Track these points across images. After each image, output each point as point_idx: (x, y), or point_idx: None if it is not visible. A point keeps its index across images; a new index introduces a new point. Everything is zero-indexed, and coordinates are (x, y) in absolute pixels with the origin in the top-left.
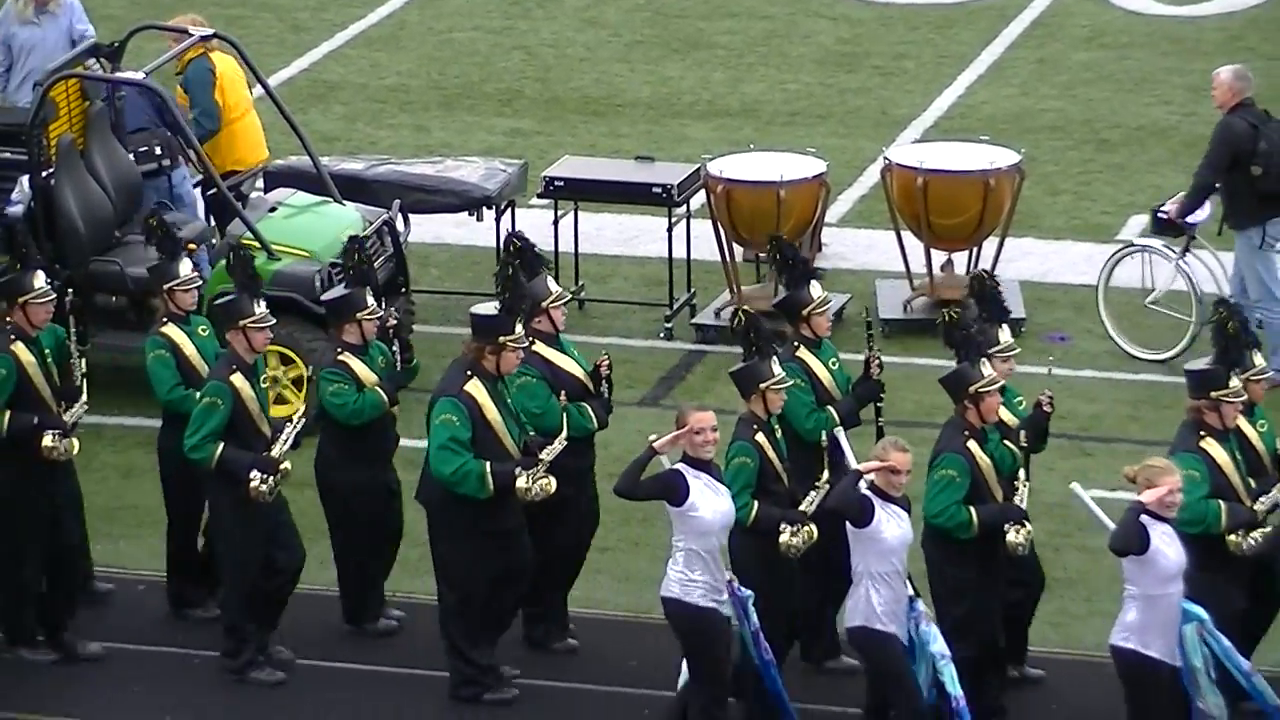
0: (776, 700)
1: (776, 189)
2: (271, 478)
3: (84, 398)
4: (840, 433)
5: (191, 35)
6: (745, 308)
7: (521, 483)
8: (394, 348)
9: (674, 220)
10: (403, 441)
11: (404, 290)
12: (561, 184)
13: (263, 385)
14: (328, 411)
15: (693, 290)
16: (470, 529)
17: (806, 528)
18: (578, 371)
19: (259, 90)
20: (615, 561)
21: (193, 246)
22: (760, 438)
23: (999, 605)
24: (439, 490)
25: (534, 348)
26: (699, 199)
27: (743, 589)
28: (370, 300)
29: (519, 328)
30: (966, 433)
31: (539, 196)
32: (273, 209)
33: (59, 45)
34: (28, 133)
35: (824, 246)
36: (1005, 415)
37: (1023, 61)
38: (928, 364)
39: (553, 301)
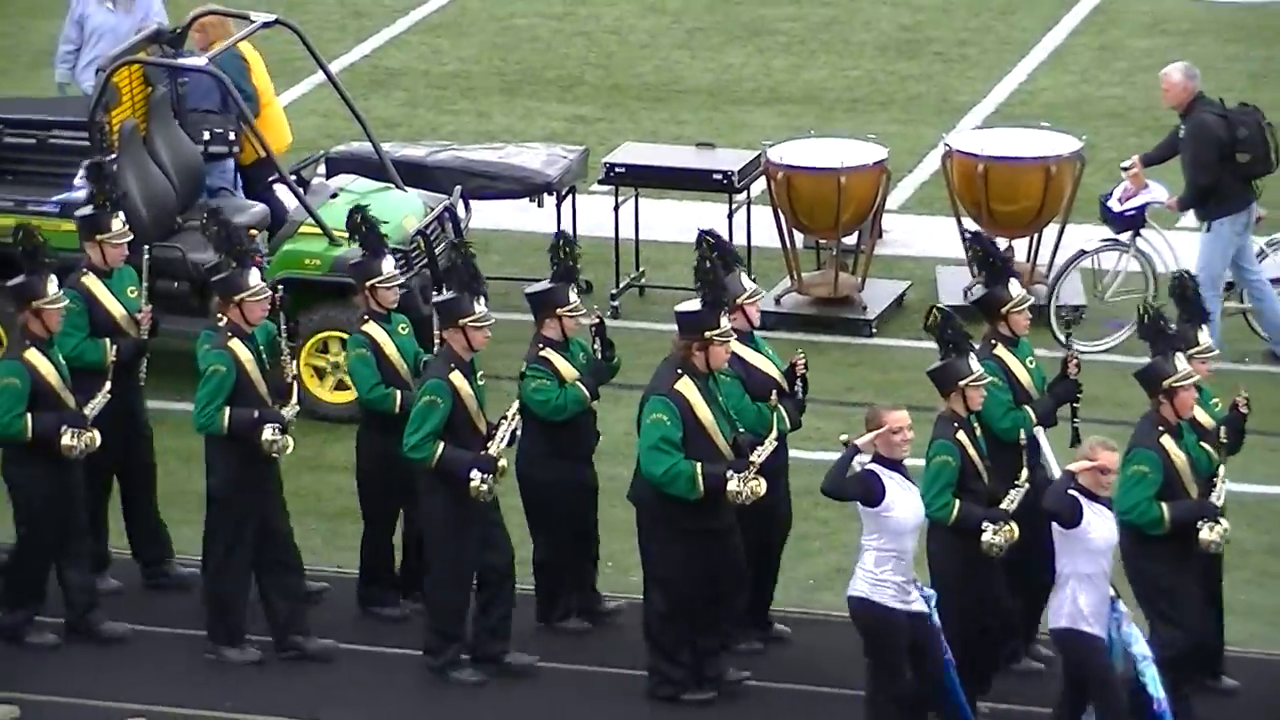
0: (954, 699)
1: (837, 175)
2: (490, 476)
3: (295, 397)
4: (1039, 433)
5: (253, 21)
6: (939, 305)
7: (733, 485)
8: (595, 344)
9: (734, 207)
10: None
11: None
12: (622, 170)
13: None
14: (530, 408)
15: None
16: (681, 529)
17: (1008, 526)
18: (772, 370)
19: (320, 76)
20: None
21: (254, 232)
22: (961, 435)
23: (1200, 604)
24: (649, 490)
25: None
26: (759, 185)
27: (926, 588)
28: (573, 296)
29: (725, 321)
30: (1161, 428)
31: (600, 183)
32: (334, 195)
33: (131, 37)
34: (90, 119)
35: (885, 233)
36: (1202, 417)
37: (1083, 48)
38: None
39: (748, 298)
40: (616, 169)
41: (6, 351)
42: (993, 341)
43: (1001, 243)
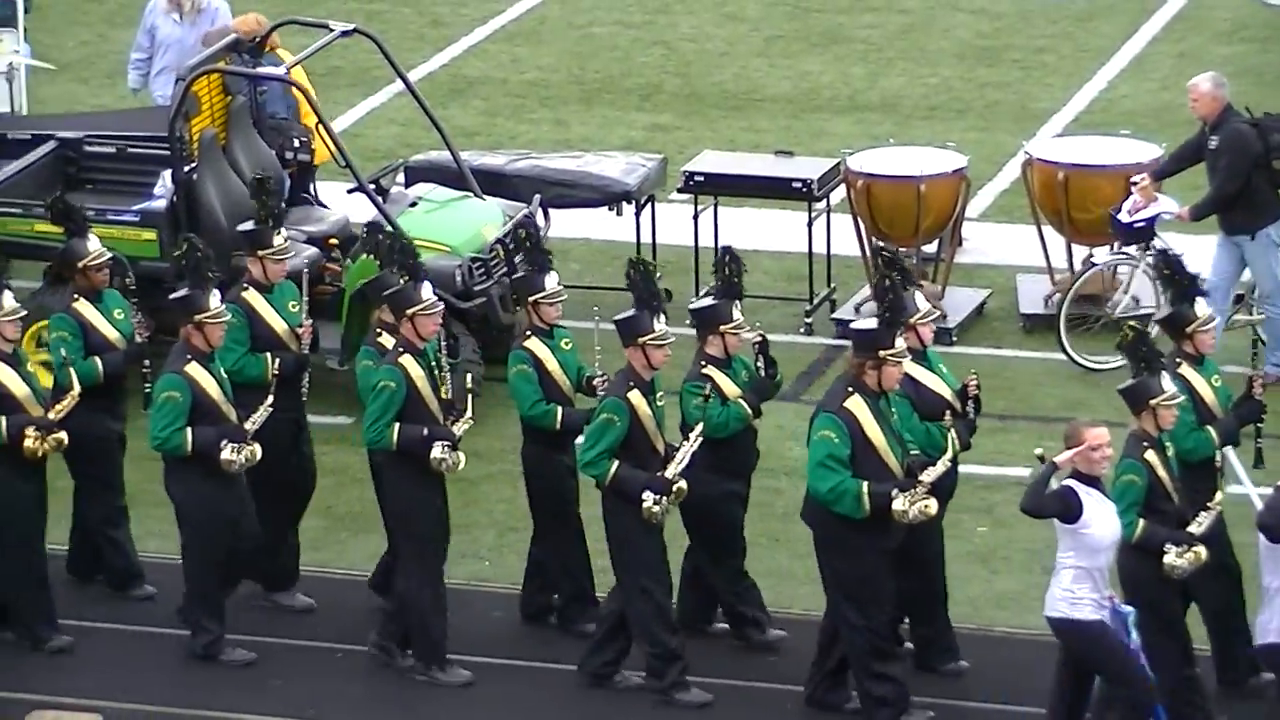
0: (1154, 717)
1: (917, 184)
2: (664, 499)
3: (469, 412)
4: (1230, 453)
5: (332, 30)
6: (1133, 323)
7: (899, 504)
8: (757, 361)
9: (814, 215)
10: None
11: None
12: (701, 179)
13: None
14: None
15: (833, 285)
16: (857, 547)
17: (1194, 549)
18: (944, 390)
19: (398, 85)
20: (756, 558)
21: (333, 241)
22: (1150, 455)
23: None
24: (821, 507)
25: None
26: (839, 194)
27: (1123, 605)
28: (736, 313)
29: (900, 341)
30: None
31: (679, 191)
32: (413, 204)
33: (196, 49)
34: (169, 128)
35: (964, 241)
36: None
37: (1163, 55)
38: (1066, 360)
39: (921, 318)
40: (695, 177)
41: (168, 365)
42: (1177, 360)
43: (1082, 251)
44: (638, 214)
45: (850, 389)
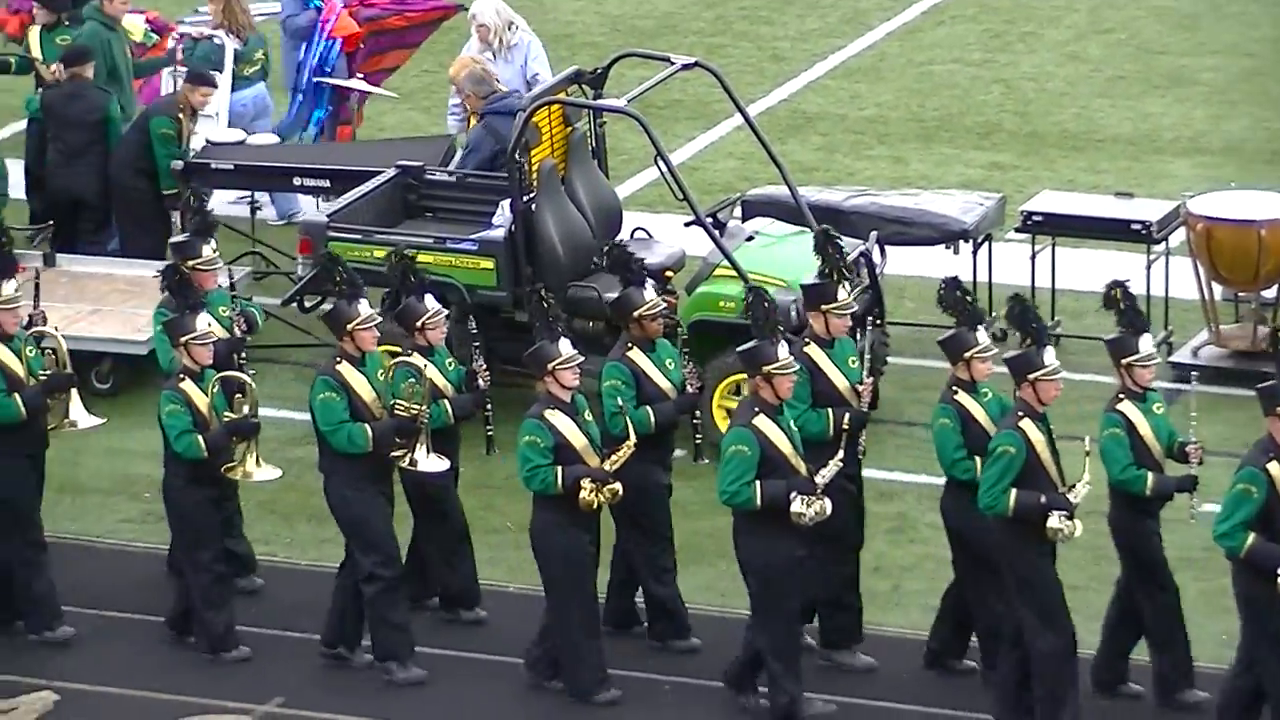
0: None
1: (1258, 228)
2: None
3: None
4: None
5: (673, 64)
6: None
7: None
8: None
9: (1152, 257)
10: None
11: (879, 322)
12: (1040, 218)
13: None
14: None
15: (1170, 328)
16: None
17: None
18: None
19: (737, 119)
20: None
21: (669, 274)
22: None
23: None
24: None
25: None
26: (1178, 236)
27: None
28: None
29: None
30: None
31: (1016, 230)
32: (750, 238)
33: (514, 85)
34: (509, 158)
35: None
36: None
37: None
38: None
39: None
40: (1034, 217)
41: (736, 419)
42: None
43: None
44: (974, 253)
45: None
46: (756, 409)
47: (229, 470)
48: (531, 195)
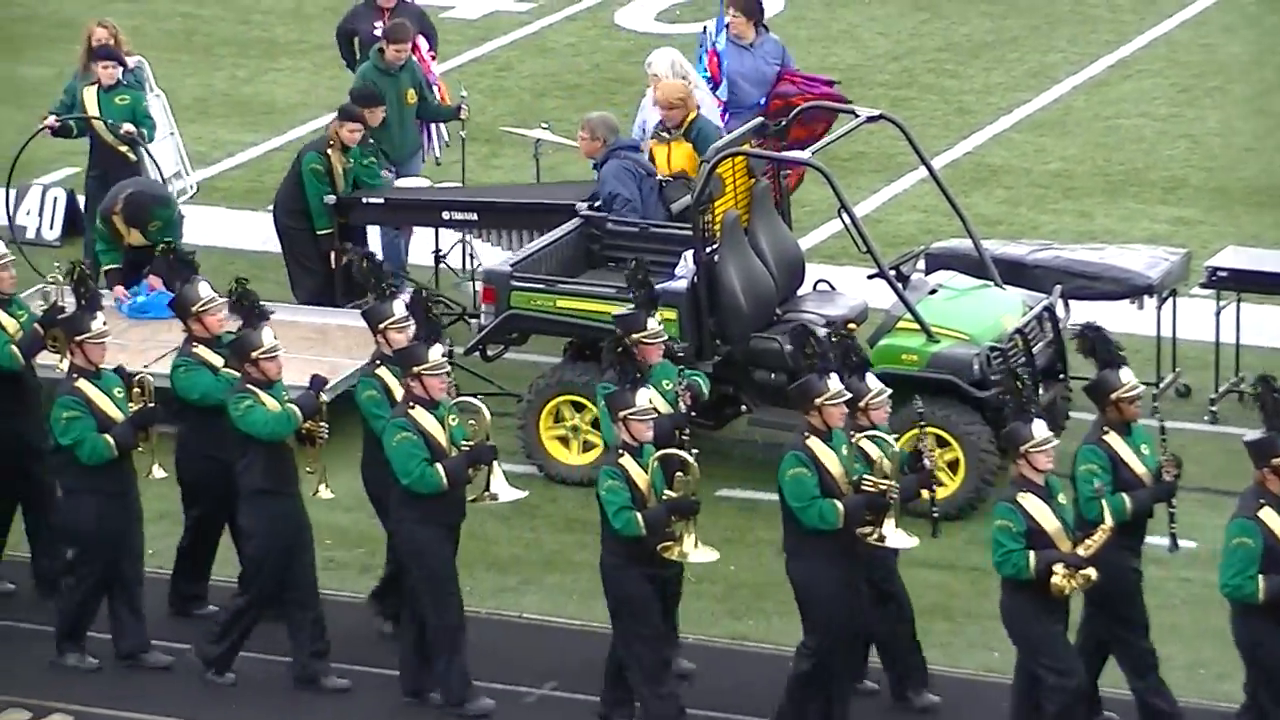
0: None
1: None
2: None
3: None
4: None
5: (858, 116)
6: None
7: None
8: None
9: None
10: None
11: (1062, 376)
12: (1225, 274)
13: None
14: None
15: None
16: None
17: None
18: None
19: (922, 171)
20: None
21: (853, 326)
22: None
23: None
24: None
25: None
26: None
27: None
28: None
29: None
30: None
31: (1201, 286)
32: (933, 291)
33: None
34: (693, 209)
35: None
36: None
37: None
38: None
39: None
40: (1219, 273)
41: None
42: (1104, 429)
43: None
44: (1159, 308)
45: (1260, 500)
46: (1262, 500)
47: (665, 550)
48: (715, 246)
